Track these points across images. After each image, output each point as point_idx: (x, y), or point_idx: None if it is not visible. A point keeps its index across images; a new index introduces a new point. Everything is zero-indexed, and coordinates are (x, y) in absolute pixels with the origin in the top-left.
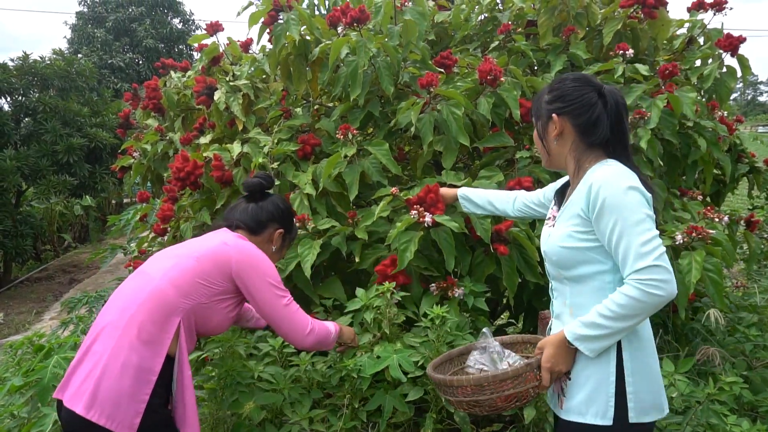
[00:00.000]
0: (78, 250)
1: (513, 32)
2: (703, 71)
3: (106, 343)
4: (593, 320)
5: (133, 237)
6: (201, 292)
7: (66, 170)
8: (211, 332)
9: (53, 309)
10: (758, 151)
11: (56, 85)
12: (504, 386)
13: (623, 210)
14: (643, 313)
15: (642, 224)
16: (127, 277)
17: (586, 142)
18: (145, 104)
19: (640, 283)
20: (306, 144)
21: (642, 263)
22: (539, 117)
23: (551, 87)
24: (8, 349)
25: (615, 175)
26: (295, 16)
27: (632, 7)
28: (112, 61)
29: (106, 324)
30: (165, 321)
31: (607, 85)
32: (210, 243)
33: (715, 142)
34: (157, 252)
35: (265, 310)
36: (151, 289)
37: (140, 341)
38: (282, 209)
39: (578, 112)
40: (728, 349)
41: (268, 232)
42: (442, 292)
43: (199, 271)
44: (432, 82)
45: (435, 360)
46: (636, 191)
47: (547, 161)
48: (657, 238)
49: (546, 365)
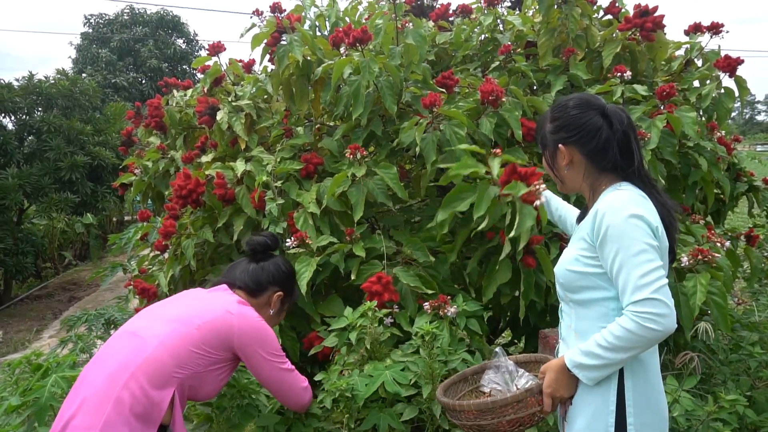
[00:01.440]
0: (78, 268)
1: (513, 53)
2: (702, 92)
3: (94, 417)
4: (591, 349)
5: (133, 255)
6: (198, 362)
7: (68, 188)
8: (202, 398)
9: (53, 327)
10: (756, 170)
11: (60, 104)
12: (506, 411)
13: (625, 239)
14: (639, 346)
15: (642, 255)
16: (113, 335)
17: (597, 167)
18: (147, 122)
19: (636, 315)
20: (309, 163)
21: (639, 295)
22: (546, 146)
23: (553, 115)
24: (6, 368)
25: (621, 202)
26: (297, 38)
27: (631, 29)
28: (116, 80)
29: (93, 393)
30: (159, 393)
31: (610, 105)
32: (212, 310)
33: (714, 162)
34: (148, 308)
35: (264, 379)
36: (145, 358)
37: (133, 415)
38: (283, 271)
39: (585, 140)
40: (731, 368)
41: (266, 295)
42: (435, 310)
43: (199, 341)
44: (435, 102)
45: (447, 380)
46: (640, 220)
47: (561, 187)
48: (658, 270)
49: (547, 390)
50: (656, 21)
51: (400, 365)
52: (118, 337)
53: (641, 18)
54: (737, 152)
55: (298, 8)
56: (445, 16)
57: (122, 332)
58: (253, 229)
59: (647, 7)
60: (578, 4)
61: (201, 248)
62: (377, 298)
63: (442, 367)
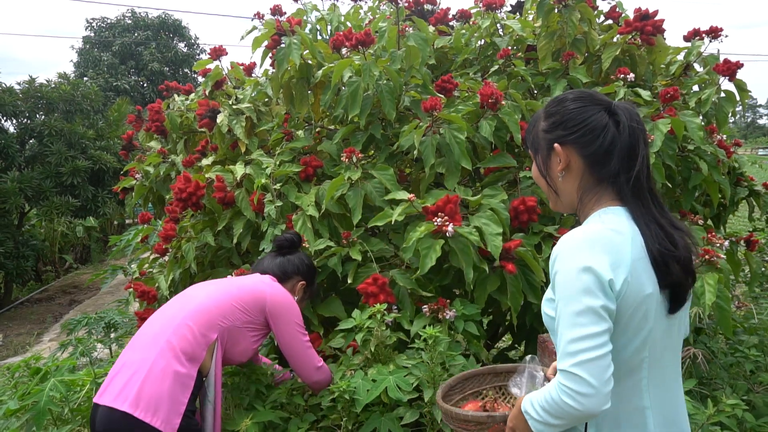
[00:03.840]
0: (79, 271)
1: (513, 57)
2: (701, 96)
3: (149, 351)
4: (534, 401)
5: (134, 258)
6: (237, 317)
7: (69, 192)
8: (235, 358)
9: (53, 330)
10: (757, 175)
11: (61, 108)
12: (467, 427)
13: (567, 291)
14: (563, 417)
15: (578, 317)
16: (168, 301)
17: (595, 176)
18: (148, 126)
19: (559, 385)
20: (308, 166)
21: (563, 364)
22: (538, 149)
23: (548, 111)
24: (5, 372)
25: (575, 246)
26: (297, 41)
27: (631, 33)
28: (118, 83)
29: (150, 335)
30: (204, 335)
31: (617, 101)
32: (249, 280)
33: (714, 165)
34: (197, 284)
35: (286, 343)
36: (194, 308)
37: (182, 351)
38: (306, 264)
39: (586, 139)
40: (730, 372)
41: (291, 283)
42: (434, 313)
43: (239, 299)
44: (435, 106)
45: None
46: (588, 273)
47: (555, 202)
48: (590, 339)
49: (509, 424)
50: (656, 25)
51: (404, 371)
52: (172, 300)
53: (641, 21)
54: (738, 157)
55: (300, 12)
56: (445, 21)
57: (175, 297)
58: (253, 232)
59: (647, 10)
60: (578, 8)
61: (201, 251)
62: (372, 299)
63: (443, 372)
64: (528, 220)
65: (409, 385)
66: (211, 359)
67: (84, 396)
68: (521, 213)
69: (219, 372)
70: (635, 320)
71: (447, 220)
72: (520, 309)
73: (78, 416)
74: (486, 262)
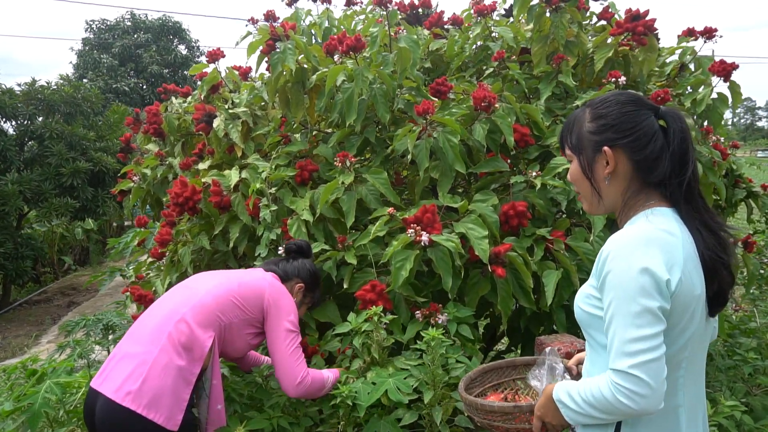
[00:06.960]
0: (78, 273)
1: (507, 60)
2: (696, 97)
3: (151, 345)
4: (573, 393)
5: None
6: (236, 313)
7: (69, 193)
8: (232, 354)
9: (51, 332)
10: (756, 177)
11: (62, 110)
12: (493, 418)
13: (623, 294)
14: (613, 414)
15: (636, 318)
16: (170, 289)
17: (643, 180)
18: (145, 129)
19: (612, 384)
20: (304, 170)
21: (619, 364)
22: (581, 150)
23: (595, 112)
24: (2, 374)
25: (631, 246)
26: (291, 46)
27: (623, 34)
28: (117, 85)
29: (150, 328)
30: (203, 332)
31: (665, 108)
32: (252, 276)
33: (710, 167)
34: (196, 274)
35: (271, 342)
36: (195, 302)
37: (181, 345)
38: (309, 270)
39: (638, 144)
40: (728, 374)
41: (290, 284)
42: (427, 318)
43: (238, 294)
44: (428, 110)
45: (490, 364)
46: (646, 275)
47: (594, 205)
48: (648, 340)
49: (537, 413)
50: (648, 24)
51: (403, 373)
52: (173, 290)
53: (632, 22)
54: (736, 158)
55: (294, 15)
56: (440, 24)
57: (177, 287)
58: (249, 236)
59: (638, 11)
60: (568, 10)
61: (198, 255)
62: (371, 306)
63: (444, 374)
64: (518, 225)
65: (409, 387)
66: (210, 355)
67: (80, 398)
68: (511, 218)
69: (217, 367)
70: (684, 320)
71: (420, 230)
72: (516, 312)
73: (74, 418)
74: (476, 266)
